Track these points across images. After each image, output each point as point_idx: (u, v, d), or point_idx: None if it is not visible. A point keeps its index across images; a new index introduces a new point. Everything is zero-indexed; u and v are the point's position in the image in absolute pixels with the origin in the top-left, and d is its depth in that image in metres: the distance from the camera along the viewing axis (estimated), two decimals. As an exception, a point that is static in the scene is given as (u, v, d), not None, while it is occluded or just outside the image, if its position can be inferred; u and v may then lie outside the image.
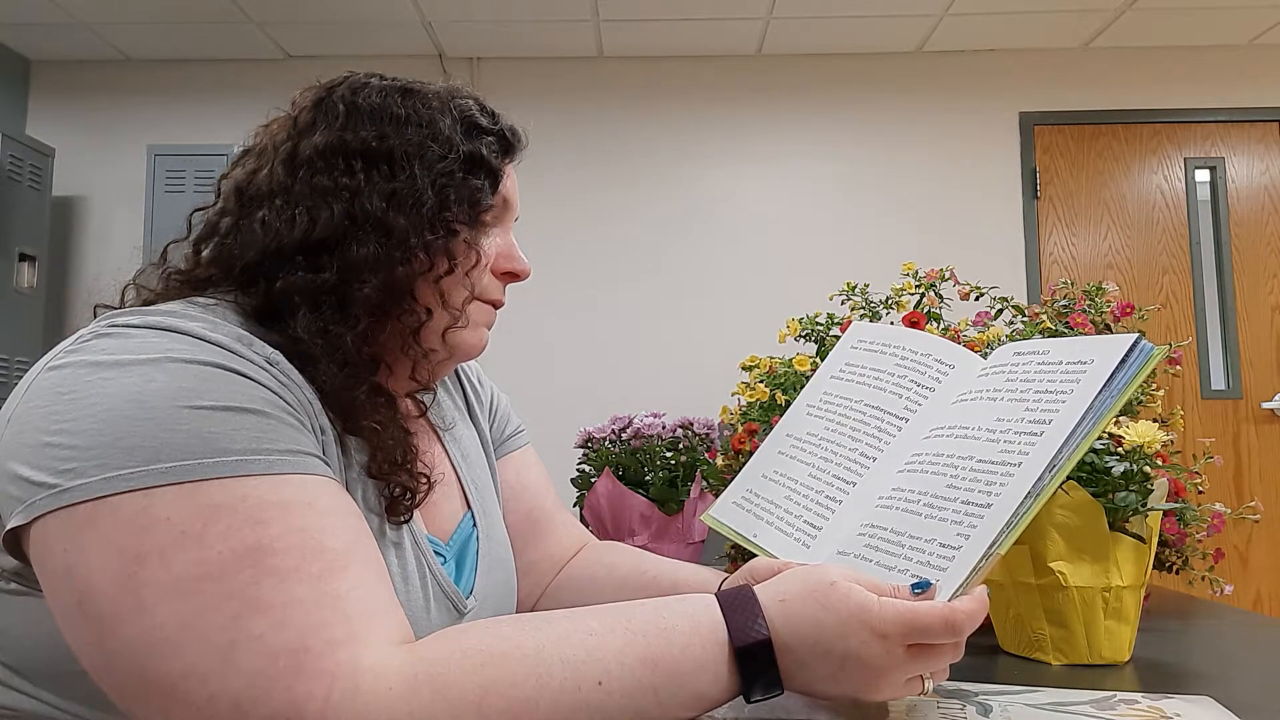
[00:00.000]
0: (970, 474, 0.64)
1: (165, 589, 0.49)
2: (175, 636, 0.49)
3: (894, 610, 0.54)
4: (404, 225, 0.67)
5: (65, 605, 0.52)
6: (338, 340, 0.65)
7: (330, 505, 0.56)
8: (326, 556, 0.53)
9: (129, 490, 0.51)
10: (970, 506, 0.61)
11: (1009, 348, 0.73)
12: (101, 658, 0.51)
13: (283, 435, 0.56)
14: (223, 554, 0.50)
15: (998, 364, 0.72)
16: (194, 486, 0.51)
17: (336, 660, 0.49)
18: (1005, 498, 0.60)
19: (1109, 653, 0.78)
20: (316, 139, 0.70)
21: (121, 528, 0.50)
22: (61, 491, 0.51)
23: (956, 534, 0.60)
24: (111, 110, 3.76)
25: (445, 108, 0.73)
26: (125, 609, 0.49)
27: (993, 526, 0.59)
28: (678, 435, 1.41)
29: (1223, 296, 3.57)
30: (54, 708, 0.58)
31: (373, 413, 0.67)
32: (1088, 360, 0.65)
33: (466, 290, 0.73)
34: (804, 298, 1.79)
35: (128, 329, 0.58)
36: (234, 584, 0.50)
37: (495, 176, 0.74)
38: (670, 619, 0.56)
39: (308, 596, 0.51)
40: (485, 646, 0.52)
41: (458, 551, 0.79)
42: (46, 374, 0.56)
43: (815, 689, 0.57)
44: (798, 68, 3.73)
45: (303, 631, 0.49)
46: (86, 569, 0.50)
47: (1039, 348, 0.70)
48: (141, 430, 0.52)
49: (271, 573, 0.50)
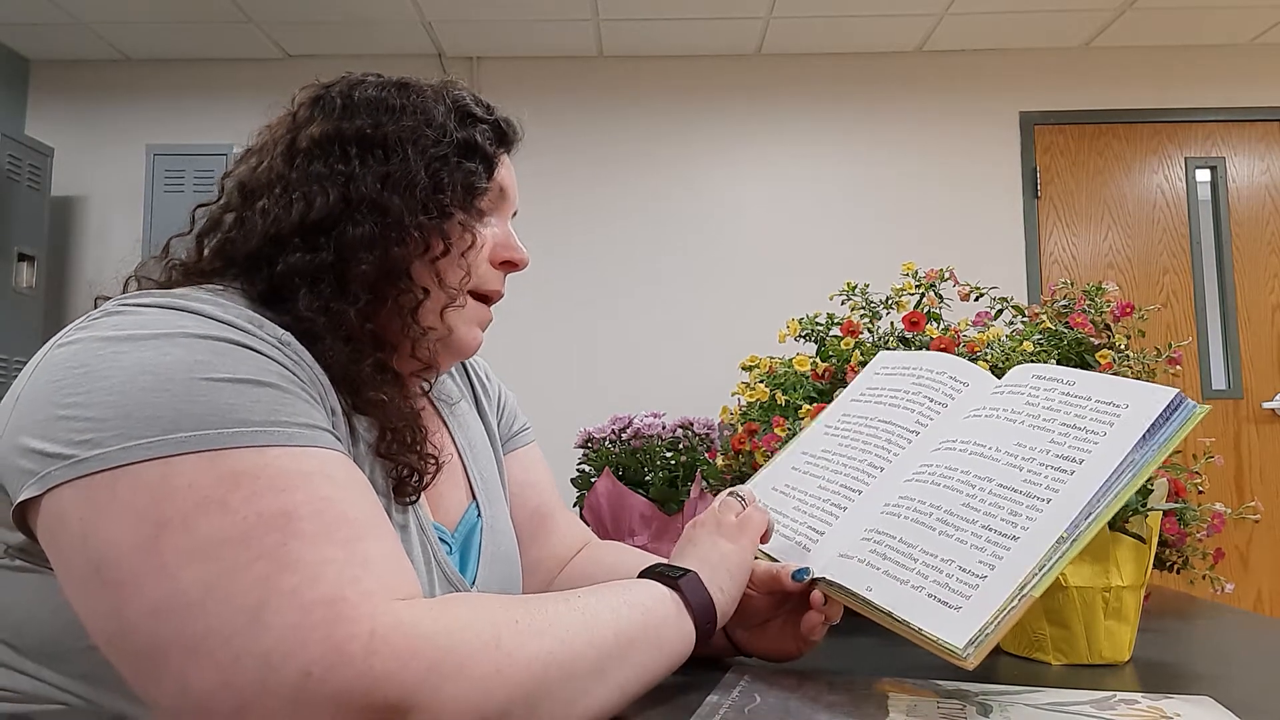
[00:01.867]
0: (991, 497, 0.63)
1: (188, 553, 0.49)
2: (199, 598, 0.49)
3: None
4: (398, 206, 0.69)
5: (80, 574, 0.52)
6: (339, 316, 0.66)
7: (348, 479, 0.57)
8: (352, 524, 0.53)
9: (148, 459, 0.51)
10: (993, 534, 0.61)
11: (1028, 369, 0.73)
12: (117, 626, 0.51)
13: (299, 409, 0.57)
14: (248, 518, 0.50)
15: (1015, 384, 0.71)
16: (215, 455, 0.52)
17: (374, 604, 0.50)
18: (1034, 534, 0.59)
19: (1109, 653, 0.78)
20: (313, 130, 0.71)
21: (142, 494, 0.50)
22: (78, 462, 0.51)
23: (980, 560, 0.60)
24: (111, 110, 3.76)
25: (439, 98, 0.75)
26: (145, 574, 0.49)
27: (1022, 563, 0.58)
28: (678, 435, 1.41)
29: (1223, 296, 3.57)
30: (54, 686, 0.58)
31: (380, 386, 0.69)
32: (1121, 404, 0.64)
33: (463, 270, 0.74)
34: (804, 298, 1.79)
35: (139, 307, 0.58)
36: (261, 547, 0.50)
37: (489, 162, 0.76)
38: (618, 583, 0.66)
39: (340, 556, 0.51)
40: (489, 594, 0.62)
41: (462, 540, 0.80)
42: (56, 350, 0.57)
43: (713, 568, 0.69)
44: (798, 67, 3.73)
45: (338, 584, 0.50)
46: (105, 536, 0.50)
47: (1063, 376, 0.69)
48: (159, 400, 0.52)
49: (299, 535, 0.51)
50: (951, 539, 0.62)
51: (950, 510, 0.64)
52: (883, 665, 0.74)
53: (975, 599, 0.58)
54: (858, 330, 1.11)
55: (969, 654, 0.56)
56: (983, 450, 0.67)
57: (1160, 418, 0.62)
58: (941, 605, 0.59)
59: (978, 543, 0.61)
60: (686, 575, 0.66)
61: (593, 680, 0.56)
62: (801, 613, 0.71)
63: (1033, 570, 0.58)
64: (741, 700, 0.63)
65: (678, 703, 0.63)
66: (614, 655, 0.58)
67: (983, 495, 0.63)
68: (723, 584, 0.68)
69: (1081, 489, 0.60)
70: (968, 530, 0.62)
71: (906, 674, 0.70)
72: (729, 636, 0.75)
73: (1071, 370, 0.70)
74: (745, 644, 0.75)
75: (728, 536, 0.71)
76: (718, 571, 0.68)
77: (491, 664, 0.51)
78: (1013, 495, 0.62)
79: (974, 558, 0.60)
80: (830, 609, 0.70)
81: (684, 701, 0.62)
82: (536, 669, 0.53)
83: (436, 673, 0.49)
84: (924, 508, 0.65)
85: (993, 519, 0.61)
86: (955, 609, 0.58)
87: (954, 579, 0.60)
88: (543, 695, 0.53)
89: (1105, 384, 0.67)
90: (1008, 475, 0.64)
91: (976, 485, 0.64)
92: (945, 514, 0.64)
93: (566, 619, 0.57)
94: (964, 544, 0.61)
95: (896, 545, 0.64)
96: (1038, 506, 0.61)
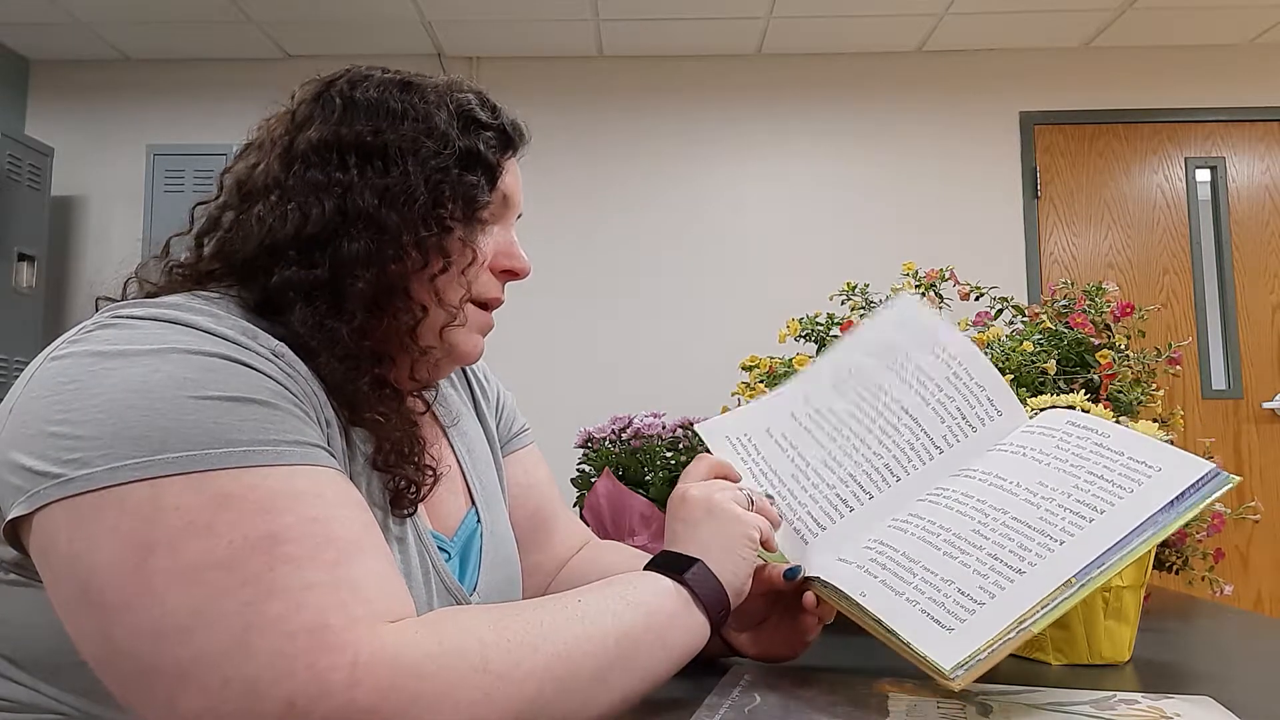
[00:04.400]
0: (1002, 528, 0.62)
1: (175, 577, 0.49)
2: (186, 623, 0.48)
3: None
4: (396, 222, 0.67)
5: (69, 595, 0.51)
6: (334, 334, 0.65)
7: (339, 497, 0.56)
8: (340, 546, 0.53)
9: (135, 480, 0.51)
10: (997, 563, 0.60)
11: (1063, 415, 0.72)
12: (106, 648, 0.50)
13: (289, 426, 0.56)
14: (234, 543, 0.50)
15: (1048, 426, 0.70)
16: (202, 476, 0.51)
17: (358, 632, 0.49)
18: (1041, 571, 0.59)
19: (1109, 653, 0.78)
20: (312, 134, 0.69)
21: (129, 517, 0.50)
22: (66, 481, 0.51)
23: (980, 586, 0.59)
24: (111, 110, 3.76)
25: (442, 102, 0.72)
26: (133, 597, 0.49)
27: (1024, 597, 0.58)
28: (678, 435, 1.40)
29: (1223, 296, 3.57)
30: (51, 699, 0.58)
31: (377, 404, 0.67)
32: (1154, 466, 0.63)
33: (463, 289, 0.72)
34: (804, 298, 1.79)
35: (132, 320, 0.57)
36: (247, 571, 0.49)
37: (492, 173, 0.73)
38: (620, 580, 0.64)
39: (325, 580, 0.51)
40: (483, 605, 0.60)
41: (461, 547, 0.79)
42: (49, 364, 0.56)
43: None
44: (798, 67, 3.73)
45: (322, 610, 0.49)
46: (92, 558, 0.50)
47: (1099, 427, 0.69)
48: (147, 420, 0.52)
49: (286, 560, 0.50)
50: (955, 561, 0.61)
51: (959, 534, 0.63)
52: (883, 665, 0.74)
53: (970, 623, 0.58)
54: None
55: (956, 676, 0.56)
56: (1003, 484, 0.66)
57: (1191, 487, 0.61)
58: (934, 623, 0.59)
59: (981, 569, 0.60)
60: (694, 566, 0.65)
61: (594, 689, 0.56)
62: (795, 612, 0.71)
63: (1034, 607, 0.57)
64: (741, 700, 0.63)
65: (677, 703, 0.63)
66: (615, 662, 0.57)
67: (994, 525, 0.63)
68: (734, 570, 0.66)
69: (1098, 538, 0.59)
70: (973, 556, 0.61)
71: (906, 674, 0.70)
72: (722, 637, 0.74)
73: (1107, 423, 0.69)
74: (739, 645, 0.75)
75: (726, 519, 0.68)
76: (724, 556, 0.66)
77: (479, 689, 0.51)
78: (1025, 530, 0.62)
79: (975, 583, 0.60)
80: (822, 609, 0.69)
81: (684, 702, 0.62)
82: (530, 689, 0.52)
83: (420, 704, 0.49)
84: (933, 528, 0.65)
85: (1001, 549, 0.61)
86: (947, 629, 0.58)
87: (950, 600, 0.59)
88: (538, 712, 0.52)
89: (1141, 443, 0.66)
90: (1023, 510, 0.63)
91: (990, 515, 0.64)
92: (953, 537, 0.63)
93: (564, 629, 0.56)
94: (967, 568, 0.61)
95: (898, 559, 0.64)
96: (1049, 546, 0.60)
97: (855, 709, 0.61)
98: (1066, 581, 0.58)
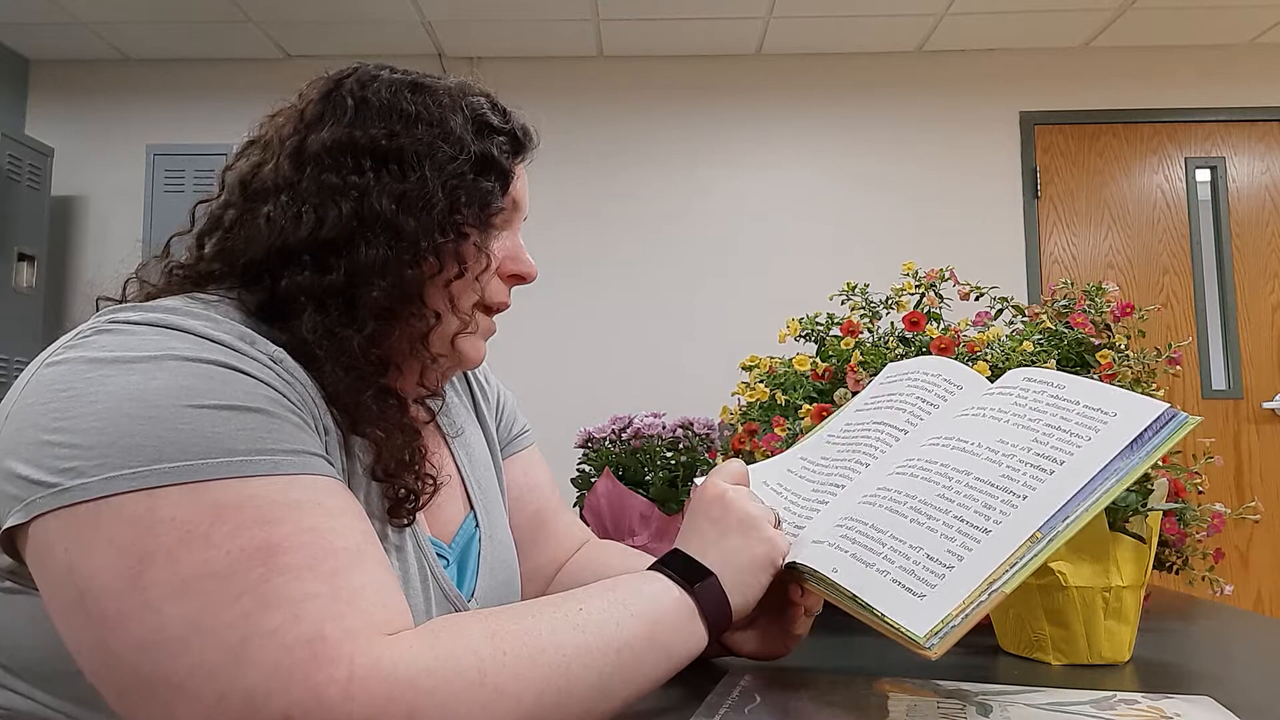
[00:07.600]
0: (966, 490, 0.62)
1: (171, 588, 0.49)
2: (183, 634, 0.48)
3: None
4: (414, 227, 0.66)
5: (65, 605, 0.51)
6: (344, 343, 0.64)
7: (337, 506, 0.55)
8: (338, 556, 0.52)
9: (131, 490, 0.50)
10: (964, 525, 0.60)
11: (1020, 372, 0.72)
12: (102, 658, 0.50)
13: (287, 435, 0.56)
14: (230, 553, 0.49)
15: (1006, 385, 0.71)
16: (199, 486, 0.51)
17: (355, 644, 0.49)
18: (1006, 528, 0.58)
19: (1109, 653, 0.78)
20: (324, 134, 0.68)
21: (124, 528, 0.50)
22: (62, 491, 0.51)
23: (947, 550, 0.59)
24: (111, 110, 3.76)
25: (456, 105, 0.71)
26: (129, 608, 0.49)
27: (991, 557, 0.57)
28: (678, 435, 1.41)
29: (1223, 296, 3.57)
30: (48, 708, 0.58)
31: (379, 417, 0.66)
32: (1110, 412, 0.63)
33: (476, 294, 0.72)
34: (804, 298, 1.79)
35: (128, 325, 0.57)
36: (244, 582, 0.49)
37: (506, 178, 0.73)
38: (625, 584, 0.63)
39: (323, 591, 0.50)
40: (483, 611, 0.58)
41: (460, 553, 0.79)
42: (45, 370, 0.55)
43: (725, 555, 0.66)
44: (798, 67, 3.73)
45: (319, 622, 0.49)
46: (89, 569, 0.50)
47: (1053, 379, 0.69)
48: (143, 429, 0.51)
49: (283, 570, 0.50)
50: (922, 527, 0.61)
51: (925, 500, 0.63)
52: (883, 665, 0.74)
53: (940, 588, 0.57)
54: (858, 330, 1.10)
55: (932, 644, 0.55)
56: (965, 446, 0.66)
57: (1149, 429, 0.61)
58: (905, 591, 0.58)
59: (948, 533, 0.60)
60: (708, 580, 0.64)
61: (594, 699, 0.55)
62: (784, 607, 0.70)
63: (1002, 565, 0.57)
64: (741, 700, 0.63)
65: (677, 703, 0.63)
66: (617, 673, 0.56)
67: (959, 487, 0.63)
68: (745, 591, 0.65)
69: (1059, 490, 0.59)
70: (939, 520, 0.61)
71: (906, 674, 0.70)
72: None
73: (1063, 374, 0.70)
74: (731, 644, 0.75)
75: (755, 538, 0.66)
76: (741, 575, 0.65)
77: (477, 703, 0.50)
78: (988, 489, 0.62)
79: (942, 547, 0.59)
80: (808, 599, 0.69)
81: (683, 702, 0.62)
82: (528, 701, 0.52)
83: (416, 718, 0.48)
84: (900, 497, 0.65)
85: (965, 511, 0.61)
86: (919, 596, 0.57)
87: (920, 566, 0.59)
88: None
89: (1094, 390, 0.66)
90: (986, 469, 0.63)
91: (954, 478, 0.64)
92: (919, 503, 0.63)
93: (565, 640, 0.55)
94: (934, 533, 0.60)
95: (867, 531, 0.64)
96: (1012, 502, 0.60)
97: (855, 709, 0.61)
98: (1032, 536, 0.58)
